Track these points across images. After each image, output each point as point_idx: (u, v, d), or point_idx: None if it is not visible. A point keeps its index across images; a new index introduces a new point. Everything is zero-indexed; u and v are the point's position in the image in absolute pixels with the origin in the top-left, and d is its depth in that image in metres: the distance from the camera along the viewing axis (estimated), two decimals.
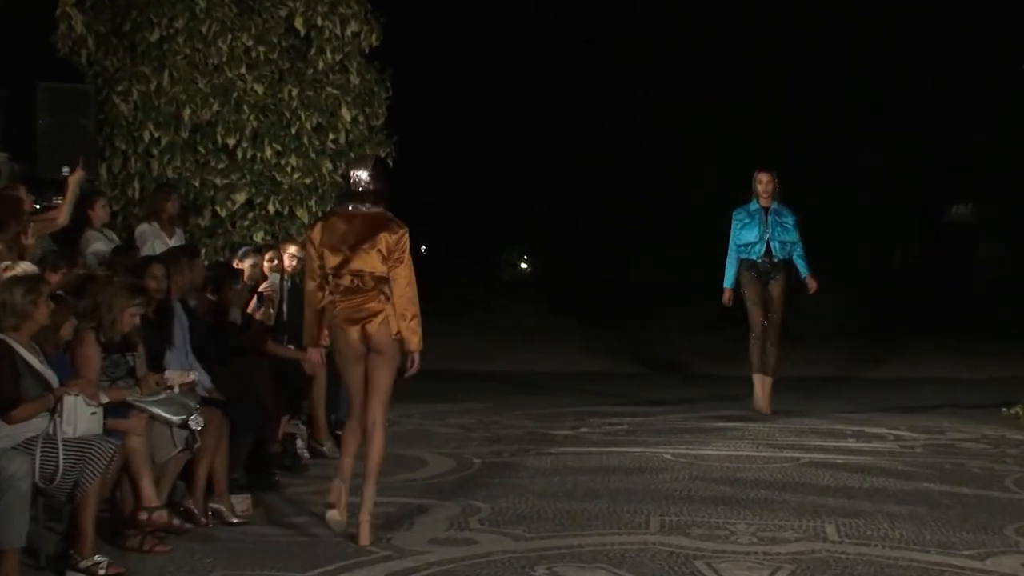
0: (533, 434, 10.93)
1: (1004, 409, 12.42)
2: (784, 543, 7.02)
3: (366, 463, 6.97)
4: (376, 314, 6.92)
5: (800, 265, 12.00)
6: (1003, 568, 6.60)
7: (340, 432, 10.22)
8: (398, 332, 6.92)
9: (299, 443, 9.43)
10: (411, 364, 6.99)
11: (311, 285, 7.07)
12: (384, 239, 6.91)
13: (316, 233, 7.06)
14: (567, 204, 30.57)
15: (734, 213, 11.97)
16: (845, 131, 27.09)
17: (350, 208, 7.02)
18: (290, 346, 9.74)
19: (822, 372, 16.58)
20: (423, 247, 38.37)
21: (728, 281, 11.90)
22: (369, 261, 6.91)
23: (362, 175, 7.02)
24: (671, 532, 7.17)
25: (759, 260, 11.86)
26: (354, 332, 6.93)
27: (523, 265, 43.07)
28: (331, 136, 12.28)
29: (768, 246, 11.84)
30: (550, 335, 21.14)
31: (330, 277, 6.98)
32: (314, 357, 7.21)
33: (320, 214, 12.06)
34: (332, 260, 6.96)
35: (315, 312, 7.06)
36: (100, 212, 10.09)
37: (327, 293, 6.99)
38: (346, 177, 7.17)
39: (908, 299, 26.71)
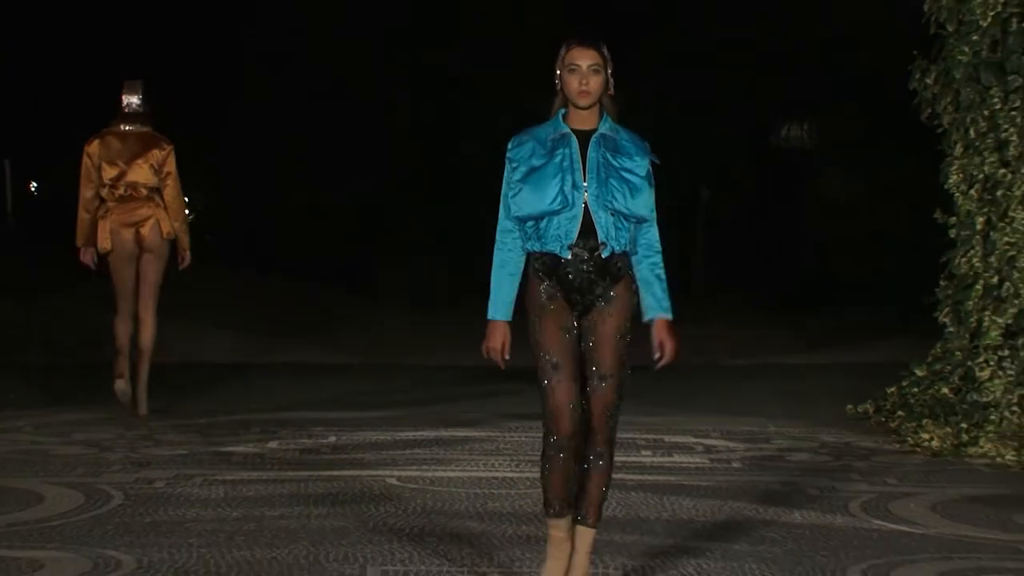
0: (199, 453, 10.87)
1: (850, 406, 12.90)
2: None
3: (139, 347, 12.02)
4: (148, 219, 11.96)
5: (651, 291, 6.92)
6: None
7: None
8: (170, 232, 12.00)
9: None
10: (182, 260, 12.20)
11: (87, 193, 12.01)
12: (155, 155, 12.01)
13: (94, 148, 11.98)
14: (251, 121, 30.16)
15: (509, 149, 6.89)
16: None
17: (122, 128, 12.03)
18: None
19: None
20: (34, 186, 37.34)
21: (500, 310, 6.86)
22: (142, 174, 11.98)
23: (133, 99, 12.01)
24: None
25: (567, 256, 6.74)
26: (128, 234, 11.93)
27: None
28: None
29: (589, 221, 6.73)
30: (219, 307, 20.94)
31: (107, 188, 11.95)
32: (86, 258, 12.04)
33: None
34: (109, 172, 11.94)
35: (90, 216, 11.97)
36: None
37: (104, 202, 11.97)
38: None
39: (721, 257, 27.44)
